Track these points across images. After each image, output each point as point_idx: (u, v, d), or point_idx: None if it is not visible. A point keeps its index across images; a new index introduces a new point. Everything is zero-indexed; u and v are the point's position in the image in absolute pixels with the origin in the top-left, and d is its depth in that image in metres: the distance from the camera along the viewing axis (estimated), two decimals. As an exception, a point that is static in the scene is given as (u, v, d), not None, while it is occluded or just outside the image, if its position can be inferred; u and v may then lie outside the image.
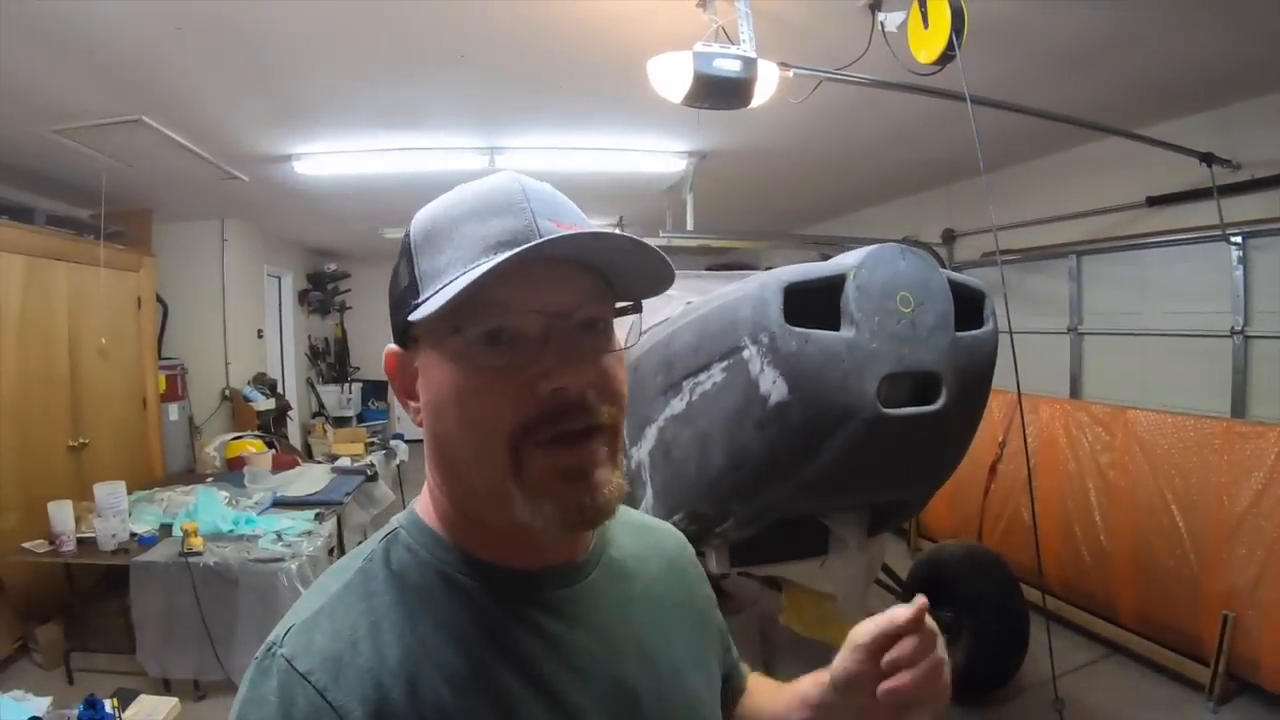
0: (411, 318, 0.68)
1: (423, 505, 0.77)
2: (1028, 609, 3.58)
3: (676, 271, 0.72)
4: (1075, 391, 5.14)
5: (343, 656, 0.62)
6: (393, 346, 0.75)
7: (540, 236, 0.66)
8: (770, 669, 3.39)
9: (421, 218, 0.73)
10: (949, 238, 6.29)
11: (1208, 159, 3.98)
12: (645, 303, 0.77)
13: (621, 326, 0.76)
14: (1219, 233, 4.03)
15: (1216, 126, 4.12)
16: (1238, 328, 4.09)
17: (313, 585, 0.73)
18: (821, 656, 2.99)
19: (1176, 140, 3.99)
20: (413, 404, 0.74)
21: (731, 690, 0.98)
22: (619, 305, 0.74)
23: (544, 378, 0.65)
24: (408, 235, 0.73)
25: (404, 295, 0.71)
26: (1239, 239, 4.04)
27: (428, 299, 0.67)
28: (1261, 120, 3.96)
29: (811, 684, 0.87)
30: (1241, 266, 4.07)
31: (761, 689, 1.01)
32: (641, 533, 0.88)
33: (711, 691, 0.88)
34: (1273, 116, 3.90)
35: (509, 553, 0.72)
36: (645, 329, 3.07)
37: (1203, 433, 3.79)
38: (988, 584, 3.63)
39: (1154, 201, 4.51)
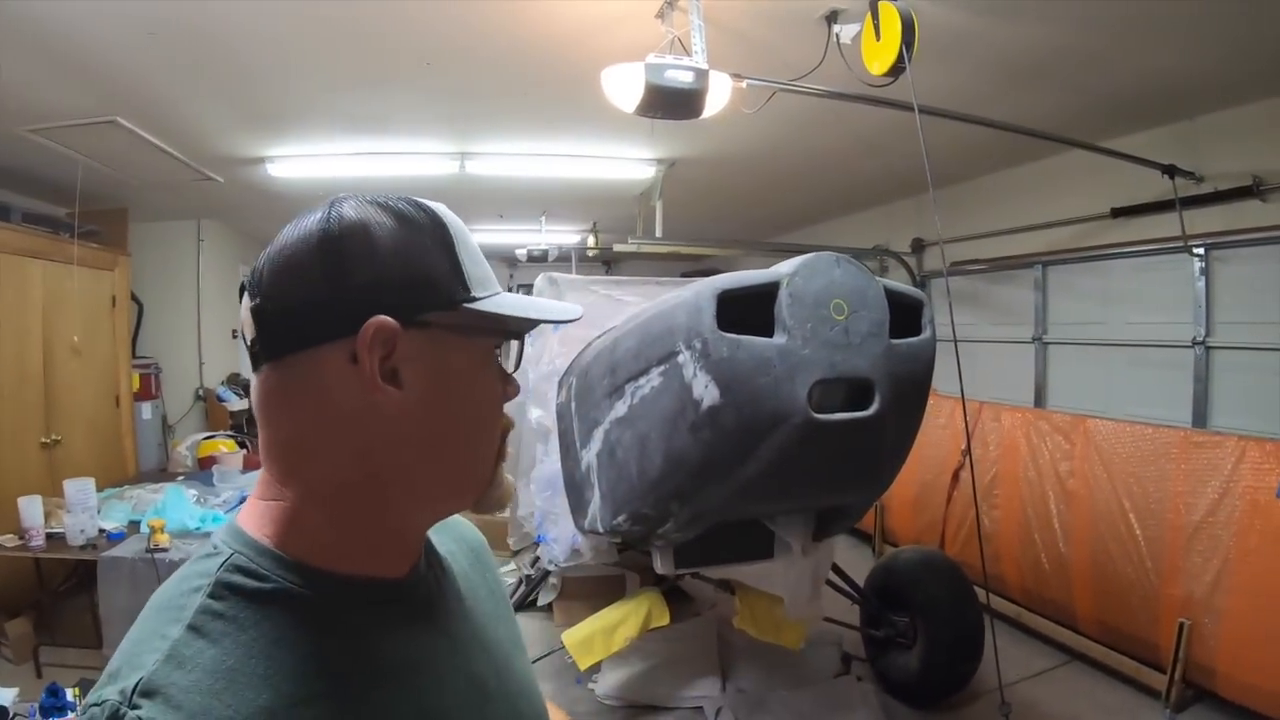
0: (487, 307, 0.72)
1: (252, 522, 0.70)
2: (982, 615, 3.60)
3: (637, 279, 0.80)
4: (1040, 400, 5.19)
5: (210, 712, 0.57)
6: (385, 318, 0.65)
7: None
8: (728, 671, 3.42)
9: (451, 217, 0.74)
10: (918, 247, 6.34)
11: (1170, 171, 4.03)
12: (602, 311, 0.85)
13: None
14: (1181, 244, 4.08)
15: (1179, 139, 4.17)
16: (1199, 338, 4.14)
17: (140, 629, 0.64)
18: (777, 659, 3.01)
19: (1140, 153, 4.04)
20: (387, 387, 0.66)
21: None
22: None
23: (511, 387, 0.79)
24: (443, 224, 0.73)
25: (440, 279, 0.70)
26: (1201, 250, 4.10)
27: (488, 297, 0.73)
28: (1223, 134, 4.01)
29: None
30: (1203, 277, 4.13)
31: None
32: (444, 528, 0.88)
33: (533, 673, 0.92)
34: (1235, 130, 3.96)
35: (371, 561, 0.71)
36: (599, 334, 3.11)
37: (1160, 442, 3.81)
38: (942, 590, 3.65)
39: (1118, 213, 4.56)
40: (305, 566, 0.67)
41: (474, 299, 0.71)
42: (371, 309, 0.65)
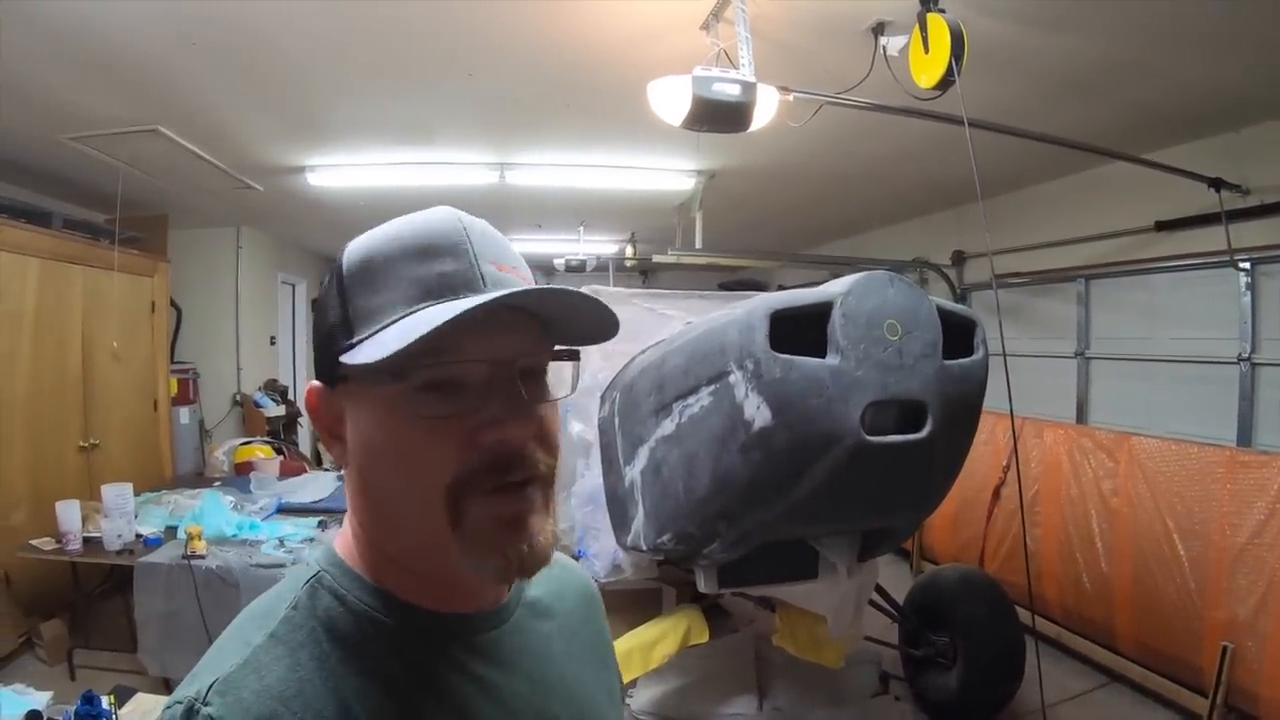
0: (348, 360, 0.63)
1: (343, 545, 0.72)
2: (1023, 634, 3.56)
3: (679, 292, 0.72)
4: (1082, 416, 5.11)
5: (276, 717, 0.59)
6: (315, 383, 0.70)
7: (483, 280, 0.65)
8: (765, 689, 3.39)
9: (356, 250, 0.68)
10: (959, 259, 6.26)
11: (1216, 184, 3.96)
12: (643, 325, 0.77)
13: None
14: (1227, 258, 4.01)
15: (1226, 152, 4.09)
16: (1245, 355, 4.06)
17: (228, 634, 0.68)
18: (815, 677, 2.98)
19: (1185, 165, 3.98)
20: (337, 445, 0.70)
21: None
22: (556, 350, 0.71)
23: (490, 428, 0.63)
24: (339, 266, 0.68)
25: (333, 331, 0.67)
26: (1247, 265, 4.01)
27: (364, 340, 0.63)
28: (1271, 146, 3.92)
29: None
30: (1249, 293, 4.04)
31: None
32: (554, 570, 0.84)
33: None
34: (1283, 143, 3.87)
35: (438, 598, 0.70)
36: (644, 349, 3.09)
37: (1205, 461, 3.74)
38: (982, 609, 3.61)
39: (1163, 226, 4.48)
40: (381, 591, 0.69)
41: (351, 344, 0.65)
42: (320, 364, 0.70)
